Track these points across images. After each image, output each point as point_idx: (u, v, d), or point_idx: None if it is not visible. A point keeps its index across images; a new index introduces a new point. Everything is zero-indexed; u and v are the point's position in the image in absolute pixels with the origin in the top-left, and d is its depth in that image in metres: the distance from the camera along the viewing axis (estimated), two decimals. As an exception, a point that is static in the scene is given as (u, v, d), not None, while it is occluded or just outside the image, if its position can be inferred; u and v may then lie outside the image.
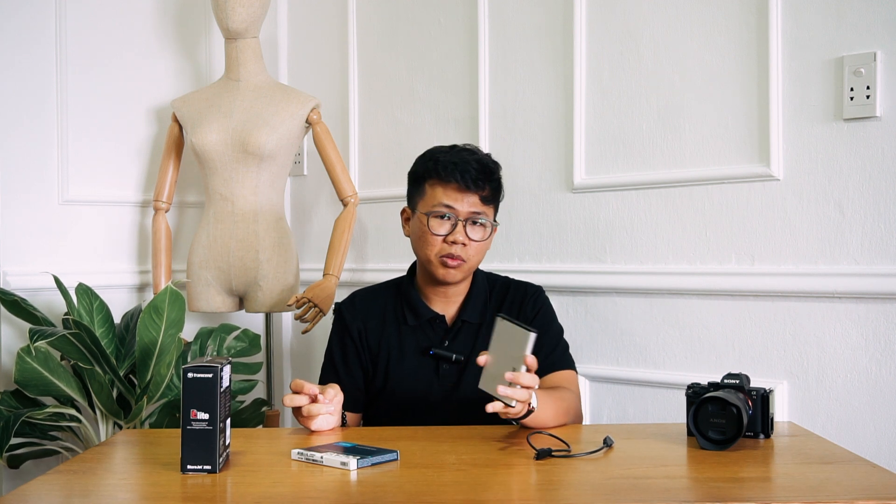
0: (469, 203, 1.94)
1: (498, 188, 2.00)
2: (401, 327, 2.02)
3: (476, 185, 1.93)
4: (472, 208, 1.94)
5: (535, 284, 2.09)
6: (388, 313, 2.04)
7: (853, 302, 2.03)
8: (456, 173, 1.92)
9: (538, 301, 2.05)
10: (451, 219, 1.94)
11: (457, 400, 1.95)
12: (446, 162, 1.94)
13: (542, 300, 2.06)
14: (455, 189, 1.94)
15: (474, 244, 1.96)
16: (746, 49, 2.16)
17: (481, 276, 2.07)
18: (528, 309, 2.02)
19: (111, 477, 1.52)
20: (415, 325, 2.01)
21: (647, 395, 2.34)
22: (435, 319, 2.01)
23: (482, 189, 1.94)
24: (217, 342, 2.63)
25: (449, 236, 1.94)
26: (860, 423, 2.02)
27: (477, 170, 1.93)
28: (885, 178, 1.98)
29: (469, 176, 1.92)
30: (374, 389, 2.01)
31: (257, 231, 2.64)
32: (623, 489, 1.37)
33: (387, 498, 1.33)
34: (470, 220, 1.95)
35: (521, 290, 2.06)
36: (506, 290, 2.06)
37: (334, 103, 2.95)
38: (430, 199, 1.97)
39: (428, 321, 2.00)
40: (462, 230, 1.94)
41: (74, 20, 2.72)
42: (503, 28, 2.58)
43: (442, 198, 1.94)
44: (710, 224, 2.23)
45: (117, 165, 2.85)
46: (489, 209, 1.98)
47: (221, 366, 1.45)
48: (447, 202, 1.94)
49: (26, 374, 2.27)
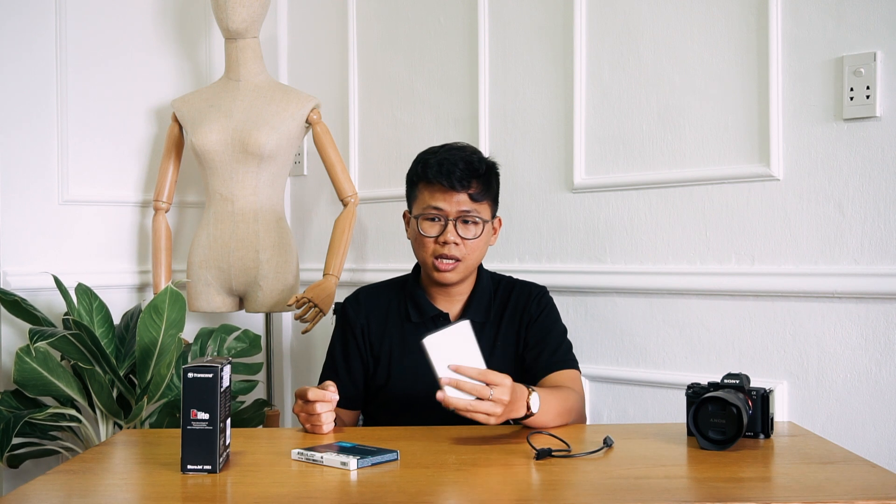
0: (457, 202, 1.94)
1: (489, 184, 1.99)
2: (404, 324, 2.02)
3: (462, 185, 1.93)
4: (460, 207, 1.94)
5: (539, 285, 2.09)
6: (392, 310, 2.04)
7: (853, 302, 2.03)
8: (440, 175, 1.93)
9: (542, 301, 2.05)
10: (441, 220, 1.95)
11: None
12: (432, 163, 1.94)
13: (547, 300, 2.06)
14: (441, 190, 1.94)
15: (469, 242, 1.95)
16: (746, 49, 2.16)
17: (486, 274, 2.07)
18: (533, 309, 2.02)
19: (111, 477, 1.52)
20: (418, 322, 2.01)
21: (647, 395, 2.34)
22: (439, 317, 2.01)
23: (468, 187, 1.94)
24: (217, 342, 2.63)
25: (440, 237, 1.94)
26: (860, 423, 2.02)
27: (462, 169, 1.93)
28: (885, 178, 1.98)
29: (454, 176, 1.92)
30: (377, 386, 2.01)
31: (257, 231, 2.64)
32: (623, 489, 1.37)
33: (387, 498, 1.33)
34: (460, 218, 1.95)
35: (525, 289, 2.06)
36: (510, 289, 2.06)
37: (334, 103, 2.95)
38: (420, 201, 1.98)
39: (431, 318, 2.01)
40: (452, 230, 1.94)
41: (74, 20, 2.72)
42: (503, 28, 2.58)
43: (430, 200, 1.95)
44: (710, 224, 2.23)
45: (117, 165, 2.85)
46: (481, 206, 1.97)
47: (221, 366, 1.45)
48: (435, 204, 1.94)
49: (25, 375, 2.27)
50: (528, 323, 2.01)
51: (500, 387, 1.59)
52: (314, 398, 1.72)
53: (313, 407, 1.72)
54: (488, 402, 1.58)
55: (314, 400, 1.72)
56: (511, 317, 2.02)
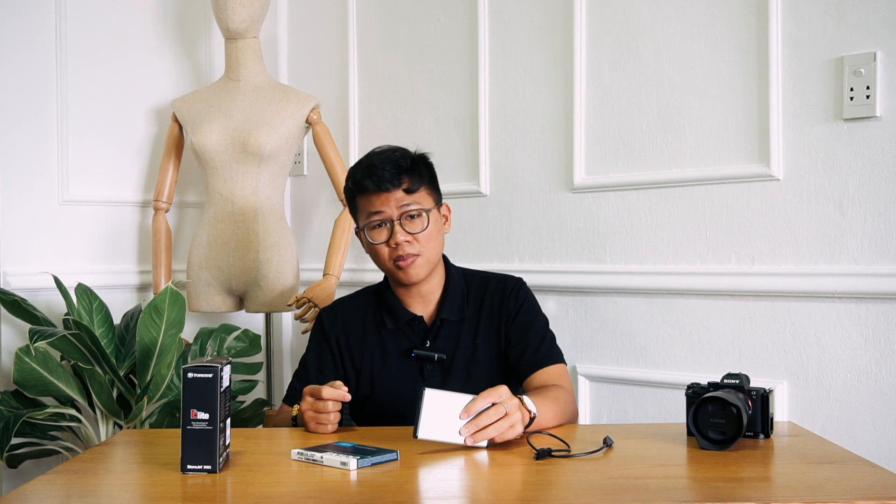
0: (395, 201, 1.91)
1: (420, 174, 1.94)
2: (381, 332, 2.00)
3: (392, 184, 1.90)
4: (399, 204, 1.91)
5: (515, 277, 2.05)
6: (368, 319, 2.03)
7: (853, 302, 2.03)
8: (368, 182, 1.90)
9: (520, 294, 2.01)
10: (386, 224, 1.92)
11: None
12: (360, 175, 1.93)
13: (525, 292, 2.02)
14: (376, 194, 1.91)
15: (420, 236, 1.92)
16: (746, 49, 2.16)
17: (456, 272, 2.04)
18: (511, 304, 1.99)
19: (111, 477, 1.52)
20: (394, 328, 1.99)
21: (647, 395, 2.34)
22: (414, 321, 1.99)
23: (400, 184, 1.91)
24: (217, 342, 2.62)
25: (390, 240, 1.92)
26: (860, 423, 2.02)
27: (389, 169, 1.90)
28: (885, 178, 1.98)
29: (384, 178, 1.90)
30: (362, 396, 2.00)
31: (257, 231, 2.64)
32: (623, 489, 1.37)
33: (387, 498, 1.33)
34: (403, 216, 1.92)
35: (500, 283, 2.02)
36: (485, 284, 2.03)
37: (334, 103, 2.95)
38: (362, 212, 1.95)
39: (407, 323, 1.99)
40: (400, 229, 1.91)
41: (74, 20, 2.72)
42: (503, 28, 2.58)
43: (369, 207, 1.92)
44: (710, 224, 2.23)
45: (117, 165, 2.85)
46: (420, 196, 1.93)
47: (221, 366, 1.45)
48: (374, 209, 1.92)
49: (25, 375, 2.27)
50: (508, 319, 1.98)
51: (501, 396, 1.58)
52: (329, 396, 1.71)
53: (326, 405, 1.72)
54: (505, 416, 1.56)
55: (329, 398, 1.72)
56: (489, 313, 1.99)
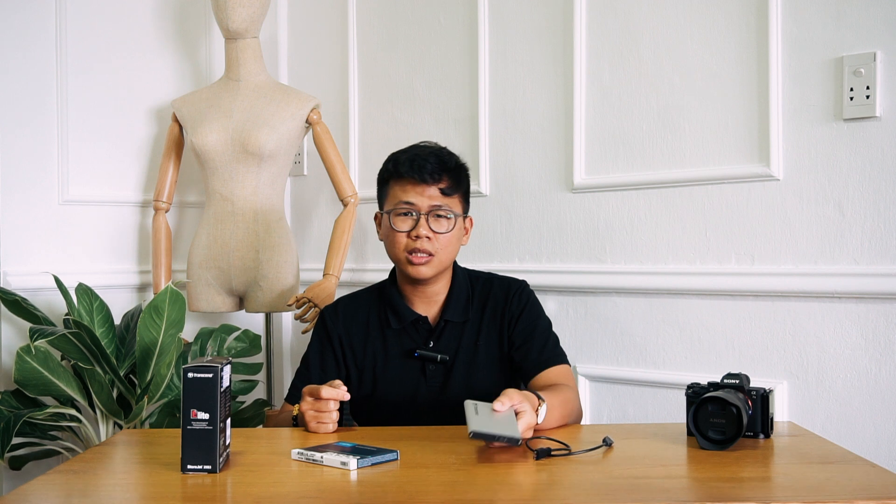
0: (429, 196, 1.94)
1: (459, 179, 1.99)
2: (384, 331, 2.01)
3: (433, 178, 1.93)
4: (432, 202, 1.94)
5: (518, 279, 2.07)
6: (372, 318, 2.03)
7: (853, 302, 2.03)
8: (412, 169, 1.93)
9: (523, 296, 2.03)
10: (413, 215, 1.95)
11: (445, 400, 1.95)
12: (403, 160, 1.96)
13: (528, 294, 2.04)
14: (413, 184, 1.94)
15: (441, 237, 1.95)
16: (746, 49, 2.16)
17: (462, 273, 2.06)
18: (514, 306, 2.01)
19: (111, 477, 1.52)
20: (398, 328, 2.00)
21: (647, 395, 2.34)
22: (418, 321, 2.00)
23: (439, 181, 1.94)
24: (217, 342, 2.62)
25: (412, 231, 1.94)
26: (860, 423, 2.02)
27: (433, 163, 1.94)
28: (885, 178, 1.98)
29: (425, 170, 1.93)
30: (363, 395, 2.00)
31: (257, 231, 2.64)
32: (622, 489, 1.37)
33: (387, 498, 1.33)
34: (432, 213, 1.95)
35: (504, 285, 2.04)
36: (489, 287, 2.04)
37: (334, 103, 2.95)
38: (392, 198, 1.98)
39: (411, 323, 2.00)
40: (425, 224, 1.94)
41: (74, 20, 2.72)
42: (503, 28, 2.58)
43: (402, 195, 1.95)
44: (710, 224, 2.23)
45: (117, 165, 2.85)
46: (452, 201, 1.97)
47: (221, 366, 1.45)
48: (407, 199, 1.95)
49: (26, 374, 2.27)
50: (511, 321, 1.99)
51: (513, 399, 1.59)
52: (328, 396, 1.72)
53: (327, 405, 1.72)
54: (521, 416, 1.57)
55: (328, 398, 1.72)
56: (492, 315, 2.00)
